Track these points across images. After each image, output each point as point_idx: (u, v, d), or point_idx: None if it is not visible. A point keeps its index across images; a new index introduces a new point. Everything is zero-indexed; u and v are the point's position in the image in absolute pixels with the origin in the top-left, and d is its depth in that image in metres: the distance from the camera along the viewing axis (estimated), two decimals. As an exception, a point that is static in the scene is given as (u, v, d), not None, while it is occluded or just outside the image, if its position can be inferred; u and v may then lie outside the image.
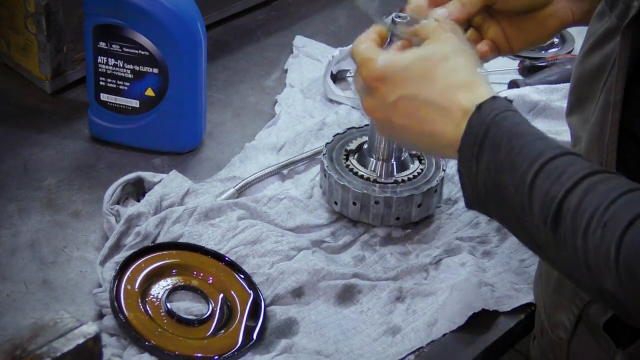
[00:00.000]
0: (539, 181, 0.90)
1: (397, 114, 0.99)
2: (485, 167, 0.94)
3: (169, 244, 1.19)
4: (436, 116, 0.97)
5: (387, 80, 1.00)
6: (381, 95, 1.00)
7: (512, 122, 0.94)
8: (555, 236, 0.89)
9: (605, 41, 1.01)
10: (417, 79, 0.99)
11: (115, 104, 1.35)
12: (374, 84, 1.00)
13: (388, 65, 1.00)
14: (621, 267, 0.85)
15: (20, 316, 1.12)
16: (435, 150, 1.05)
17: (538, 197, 0.89)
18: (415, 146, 1.06)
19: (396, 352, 1.12)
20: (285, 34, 1.66)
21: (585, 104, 1.05)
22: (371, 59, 1.01)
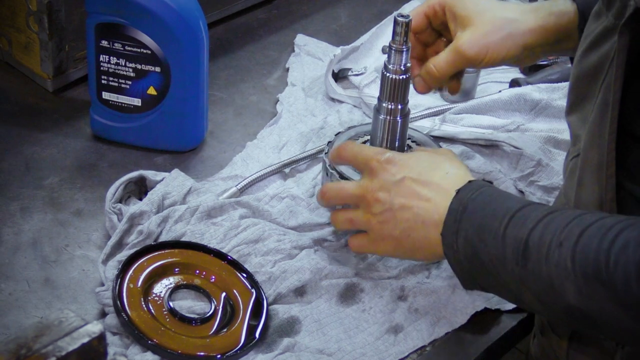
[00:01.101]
0: (509, 231, 1.01)
1: (400, 192, 1.13)
2: (464, 239, 1.06)
3: (172, 242, 1.19)
4: (434, 193, 1.11)
5: (396, 162, 1.15)
6: (389, 174, 1.14)
7: (487, 193, 1.08)
8: (526, 271, 0.99)
9: (603, 40, 1.01)
10: (421, 165, 1.14)
11: (117, 103, 1.35)
12: (383, 165, 1.15)
13: (396, 153, 1.17)
14: (577, 274, 0.94)
15: (23, 315, 1.12)
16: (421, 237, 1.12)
17: (509, 244, 1.01)
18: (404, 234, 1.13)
19: (398, 350, 1.12)
20: (287, 32, 1.66)
21: (584, 103, 1.06)
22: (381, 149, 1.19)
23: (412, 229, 1.12)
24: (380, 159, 1.16)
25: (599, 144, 1.00)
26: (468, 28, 1.23)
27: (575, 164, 1.07)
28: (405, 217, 1.13)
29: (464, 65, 1.25)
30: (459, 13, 1.24)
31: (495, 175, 1.34)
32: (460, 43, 1.22)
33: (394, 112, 1.24)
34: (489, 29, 1.22)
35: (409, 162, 1.15)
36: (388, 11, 1.70)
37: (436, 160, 1.16)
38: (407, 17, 1.18)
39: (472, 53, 1.22)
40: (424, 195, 1.12)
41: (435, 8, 1.26)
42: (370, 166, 1.16)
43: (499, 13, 1.23)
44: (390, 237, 1.14)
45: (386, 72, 1.22)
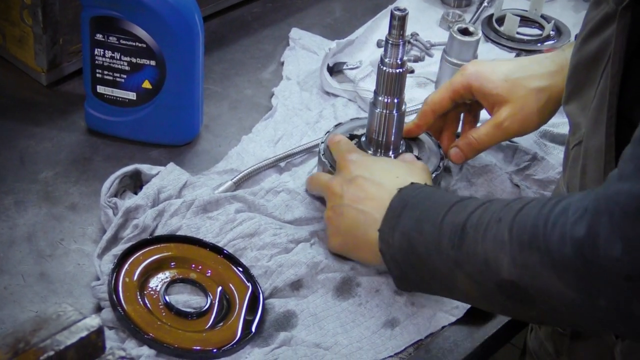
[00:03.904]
0: (447, 218, 1.04)
1: (351, 188, 1.17)
2: (400, 234, 1.08)
3: (167, 236, 1.19)
4: (381, 193, 1.14)
5: (356, 162, 1.20)
6: (347, 172, 1.19)
7: (428, 191, 1.11)
8: (460, 252, 1.00)
9: (604, 27, 1.01)
10: (377, 167, 1.19)
11: (112, 97, 1.34)
12: (346, 163, 1.20)
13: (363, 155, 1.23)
14: (513, 244, 0.94)
15: (18, 309, 1.12)
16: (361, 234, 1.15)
17: (446, 230, 1.03)
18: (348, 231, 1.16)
19: (395, 344, 1.12)
20: (281, 26, 1.66)
21: (584, 91, 1.06)
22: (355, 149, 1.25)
23: (355, 227, 1.15)
24: (346, 157, 1.21)
25: (599, 130, 1.00)
26: (504, 105, 1.27)
27: (577, 152, 1.07)
28: (351, 214, 1.16)
29: (505, 139, 1.32)
30: (489, 92, 1.27)
31: (491, 169, 1.34)
32: (502, 120, 1.27)
33: (390, 105, 1.24)
34: (525, 103, 1.27)
35: (368, 164, 1.20)
36: (383, 5, 1.70)
37: (395, 166, 1.20)
38: (403, 10, 1.18)
39: (513, 128, 1.28)
40: (370, 194, 1.15)
41: (460, 91, 1.29)
42: (338, 163, 1.22)
43: (530, 84, 1.27)
44: (338, 232, 1.17)
45: (382, 65, 1.22)
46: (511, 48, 1.62)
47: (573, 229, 0.88)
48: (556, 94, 1.27)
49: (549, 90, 1.27)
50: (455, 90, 1.29)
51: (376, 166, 1.19)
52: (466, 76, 1.29)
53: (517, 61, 1.35)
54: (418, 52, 1.60)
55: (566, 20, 1.69)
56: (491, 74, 1.28)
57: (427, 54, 1.60)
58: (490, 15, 1.68)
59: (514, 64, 1.32)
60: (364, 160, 1.21)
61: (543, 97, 1.27)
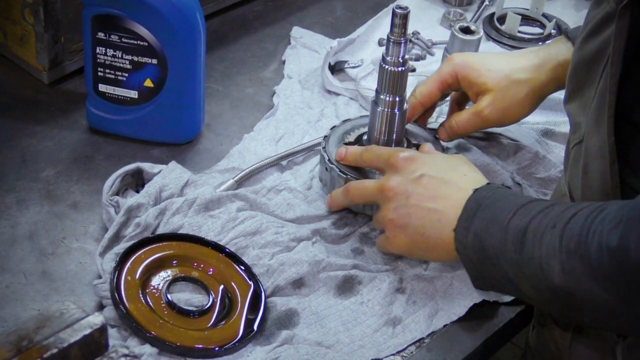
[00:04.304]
0: (512, 222, 1.03)
1: (418, 188, 1.14)
2: (473, 234, 1.07)
3: (169, 235, 1.19)
4: (452, 191, 1.12)
5: (416, 160, 1.16)
6: (408, 171, 1.15)
7: (501, 193, 1.10)
8: (522, 257, 1.01)
9: (604, 26, 1.01)
10: (441, 165, 1.16)
11: (113, 95, 1.34)
12: (404, 163, 1.16)
13: (416, 152, 1.20)
14: (563, 251, 0.95)
15: (20, 307, 1.12)
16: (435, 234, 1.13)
17: (511, 233, 1.03)
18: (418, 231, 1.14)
19: (397, 343, 1.12)
20: (283, 25, 1.66)
21: (584, 90, 1.06)
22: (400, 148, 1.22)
23: (426, 227, 1.13)
24: (400, 155, 1.18)
25: (599, 129, 1.01)
26: (487, 94, 1.29)
27: (577, 151, 1.07)
28: (420, 215, 1.13)
29: (485, 127, 1.34)
30: (474, 81, 1.29)
31: (492, 167, 1.34)
32: (482, 108, 1.29)
33: (392, 104, 1.24)
34: (506, 94, 1.28)
35: (429, 161, 1.17)
36: (384, 3, 1.70)
37: (454, 162, 1.18)
38: (405, 9, 1.18)
39: (493, 118, 1.30)
40: (441, 193, 1.13)
41: (447, 80, 1.31)
42: (391, 163, 1.18)
43: (513, 75, 1.29)
44: (405, 233, 1.15)
45: (384, 64, 1.22)
46: (512, 47, 1.62)
47: (608, 238, 0.90)
48: (538, 86, 1.29)
49: (530, 83, 1.28)
50: (443, 80, 1.31)
51: (440, 163, 1.17)
52: (453, 65, 1.31)
53: (503, 54, 1.38)
54: (419, 51, 1.60)
55: (567, 19, 1.69)
56: (476, 63, 1.30)
57: (429, 53, 1.60)
58: (491, 13, 1.68)
59: (499, 56, 1.34)
60: (423, 158, 1.18)
61: (524, 89, 1.29)
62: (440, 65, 1.34)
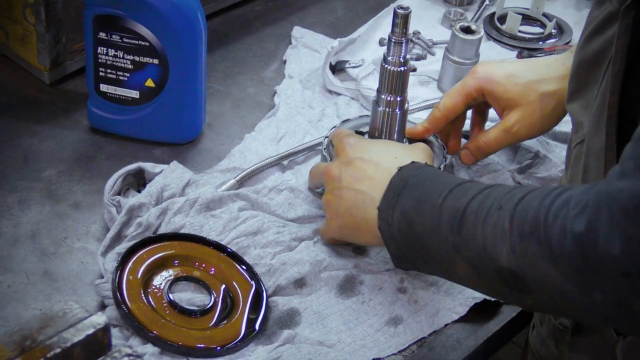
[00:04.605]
0: (447, 202, 1.03)
1: (349, 170, 1.17)
2: (400, 213, 1.07)
3: (171, 234, 1.19)
4: (379, 173, 1.13)
5: (355, 146, 1.20)
6: (345, 155, 1.19)
7: (429, 171, 1.11)
8: (460, 237, 1.00)
9: (607, 26, 1.02)
10: (375, 149, 1.19)
11: (115, 95, 1.35)
12: (344, 147, 1.20)
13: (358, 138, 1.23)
14: (514, 233, 0.94)
15: (22, 307, 1.12)
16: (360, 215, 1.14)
17: (445, 213, 1.03)
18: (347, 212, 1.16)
19: (398, 342, 1.12)
20: (284, 24, 1.66)
21: (587, 90, 1.06)
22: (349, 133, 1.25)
23: (354, 207, 1.15)
24: (344, 141, 1.21)
25: (601, 129, 1.01)
26: (514, 109, 1.28)
27: (579, 150, 1.07)
28: (349, 196, 1.15)
29: (514, 142, 1.33)
30: (500, 96, 1.28)
31: (493, 167, 1.34)
32: (511, 124, 1.28)
33: (393, 104, 1.24)
34: (534, 108, 1.28)
35: (366, 146, 1.20)
36: (384, 3, 1.70)
37: (393, 147, 1.21)
38: (406, 9, 1.18)
39: (523, 133, 1.29)
40: (368, 174, 1.15)
41: (472, 95, 1.30)
42: (336, 147, 1.22)
43: (540, 88, 1.27)
44: (337, 215, 1.17)
45: (385, 64, 1.22)
46: (513, 46, 1.62)
47: (573, 223, 0.88)
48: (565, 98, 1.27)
49: (558, 94, 1.26)
50: (468, 94, 1.29)
51: (374, 148, 1.19)
52: (477, 79, 1.29)
53: (527, 63, 1.35)
54: (420, 51, 1.60)
55: (568, 18, 1.69)
56: (501, 77, 1.28)
57: (429, 52, 1.60)
58: (492, 13, 1.68)
59: (523, 65, 1.32)
60: (362, 143, 1.20)
61: (552, 101, 1.27)
62: (464, 78, 1.32)
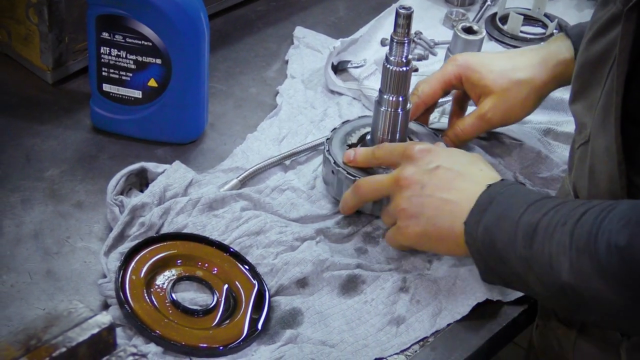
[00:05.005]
0: (524, 217, 1.04)
1: (433, 178, 1.14)
2: (484, 228, 1.08)
3: (174, 234, 1.19)
4: (467, 184, 1.13)
5: (432, 152, 1.17)
6: (424, 162, 1.16)
7: (515, 188, 1.10)
8: (531, 252, 1.01)
9: (610, 27, 1.02)
10: (457, 158, 1.17)
11: (117, 95, 1.35)
12: (420, 154, 1.17)
13: (428, 144, 1.20)
14: (572, 248, 0.95)
15: (25, 306, 1.12)
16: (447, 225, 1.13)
17: (521, 229, 1.04)
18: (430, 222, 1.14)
19: (400, 342, 1.12)
20: (286, 25, 1.66)
21: (590, 91, 1.06)
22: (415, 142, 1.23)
23: (439, 217, 1.13)
24: (417, 147, 1.18)
25: (605, 130, 1.01)
26: (489, 96, 1.30)
27: (583, 151, 1.07)
28: (433, 205, 1.14)
29: (489, 129, 1.35)
30: (476, 83, 1.30)
31: (495, 167, 1.34)
32: (485, 111, 1.30)
33: (396, 104, 1.24)
34: (508, 95, 1.29)
35: (445, 154, 1.18)
36: (386, 3, 1.70)
37: (472, 157, 1.20)
38: (409, 9, 1.18)
39: (496, 119, 1.31)
40: (456, 185, 1.13)
41: (451, 81, 1.32)
42: (407, 154, 1.18)
43: (514, 75, 1.30)
44: (416, 223, 1.15)
45: (388, 64, 1.22)
46: (514, 47, 1.62)
47: (617, 238, 0.90)
48: (539, 85, 1.30)
49: (531, 82, 1.29)
50: (447, 81, 1.32)
51: (456, 157, 1.18)
52: (457, 66, 1.31)
53: (504, 53, 1.39)
54: (422, 51, 1.60)
55: (569, 18, 1.69)
56: (478, 65, 1.31)
57: (431, 53, 1.61)
58: (493, 13, 1.68)
59: (500, 55, 1.35)
60: (440, 150, 1.19)
61: (525, 89, 1.30)
62: (443, 65, 1.34)
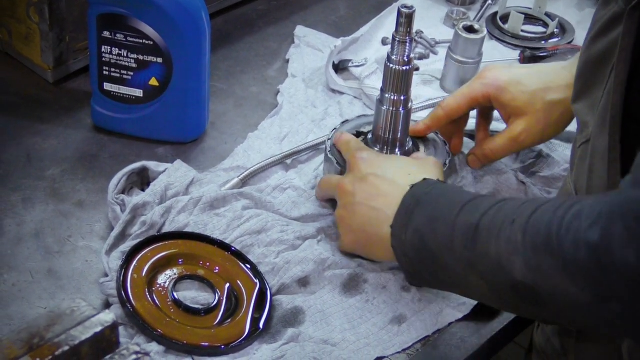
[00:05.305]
0: (460, 218, 1.04)
1: (363, 186, 1.17)
2: (413, 231, 1.08)
3: (175, 233, 1.19)
4: (392, 189, 1.14)
5: (367, 161, 1.20)
6: (358, 170, 1.19)
7: (441, 188, 1.11)
8: (474, 253, 1.01)
9: (612, 27, 1.02)
10: (389, 165, 1.19)
11: (118, 94, 1.35)
12: (356, 162, 1.20)
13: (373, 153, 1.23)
14: (527, 247, 0.94)
15: (27, 306, 1.12)
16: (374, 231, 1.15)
17: (459, 230, 1.03)
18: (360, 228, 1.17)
19: (402, 341, 1.12)
20: (286, 24, 1.66)
21: (592, 90, 1.06)
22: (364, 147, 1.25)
23: (367, 224, 1.15)
24: (357, 155, 1.21)
25: (606, 129, 1.01)
26: (520, 118, 1.28)
27: (584, 150, 1.07)
28: (363, 212, 1.16)
29: (520, 150, 1.34)
30: (508, 104, 1.29)
31: (496, 166, 1.34)
32: (517, 133, 1.29)
33: (397, 103, 1.24)
34: (541, 117, 1.28)
35: (379, 162, 1.20)
36: (387, 2, 1.70)
37: (406, 163, 1.21)
38: (411, 8, 1.18)
39: (529, 141, 1.30)
40: (382, 191, 1.16)
41: (479, 100, 1.30)
42: (349, 162, 1.22)
43: (548, 96, 1.28)
44: (350, 230, 1.18)
45: (389, 63, 1.22)
46: (515, 46, 1.62)
47: (587, 234, 0.88)
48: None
49: (565, 103, 1.26)
50: (474, 98, 1.30)
51: (388, 164, 1.20)
52: (485, 85, 1.29)
53: (534, 69, 1.34)
54: (423, 50, 1.60)
55: (570, 18, 1.69)
56: (509, 84, 1.28)
57: (432, 52, 1.61)
58: (494, 13, 1.68)
59: (530, 73, 1.31)
60: (375, 159, 1.21)
61: (559, 110, 1.28)
62: (471, 81, 1.32)
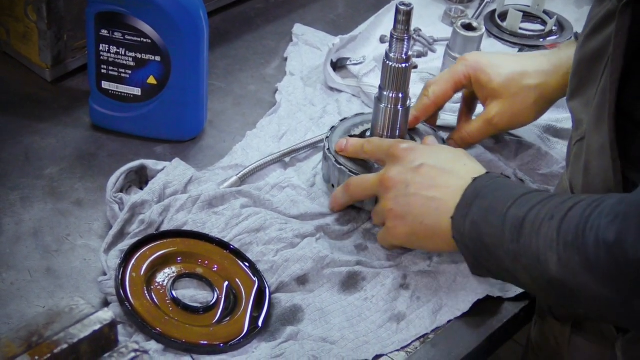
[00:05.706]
0: (511, 211, 1.04)
1: (417, 177, 1.15)
2: (471, 223, 1.08)
3: (174, 231, 1.19)
4: (451, 180, 1.13)
5: (416, 150, 1.17)
6: (408, 161, 1.16)
7: (501, 182, 1.11)
8: (519, 246, 1.01)
9: (606, 24, 1.02)
10: (441, 155, 1.17)
11: (116, 92, 1.35)
12: (404, 153, 1.17)
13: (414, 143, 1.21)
14: (560, 243, 0.95)
15: (25, 304, 1.12)
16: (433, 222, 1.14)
17: (508, 223, 1.03)
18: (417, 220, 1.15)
19: (401, 338, 1.12)
20: (285, 22, 1.66)
21: (587, 87, 1.06)
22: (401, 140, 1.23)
23: (425, 215, 1.13)
24: (401, 146, 1.18)
25: (600, 127, 1.01)
26: (496, 100, 1.29)
27: (580, 148, 1.07)
28: (419, 203, 1.14)
29: (496, 133, 1.35)
30: (485, 85, 1.30)
31: (495, 164, 1.34)
32: (492, 116, 1.30)
33: (395, 100, 1.24)
34: (516, 100, 1.29)
35: (429, 151, 1.18)
36: (385, 1, 1.70)
37: (456, 153, 1.19)
38: (409, 5, 1.18)
39: (503, 124, 1.31)
40: (440, 182, 1.14)
41: (461, 81, 1.31)
42: (392, 153, 1.18)
43: (524, 81, 1.29)
44: (403, 222, 1.15)
45: (388, 60, 1.22)
46: (514, 43, 1.62)
47: (605, 233, 0.90)
48: (548, 92, 1.29)
49: (540, 88, 1.28)
50: (457, 81, 1.31)
51: (439, 154, 1.18)
52: (466, 66, 1.31)
53: (515, 56, 1.37)
54: (421, 48, 1.60)
55: (568, 15, 1.69)
56: (487, 66, 1.30)
57: (430, 50, 1.60)
58: (492, 10, 1.68)
59: (511, 58, 1.34)
60: (424, 148, 1.19)
61: (534, 95, 1.29)
62: (453, 65, 1.33)
